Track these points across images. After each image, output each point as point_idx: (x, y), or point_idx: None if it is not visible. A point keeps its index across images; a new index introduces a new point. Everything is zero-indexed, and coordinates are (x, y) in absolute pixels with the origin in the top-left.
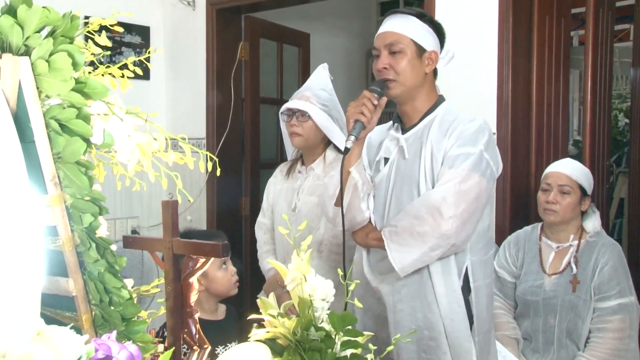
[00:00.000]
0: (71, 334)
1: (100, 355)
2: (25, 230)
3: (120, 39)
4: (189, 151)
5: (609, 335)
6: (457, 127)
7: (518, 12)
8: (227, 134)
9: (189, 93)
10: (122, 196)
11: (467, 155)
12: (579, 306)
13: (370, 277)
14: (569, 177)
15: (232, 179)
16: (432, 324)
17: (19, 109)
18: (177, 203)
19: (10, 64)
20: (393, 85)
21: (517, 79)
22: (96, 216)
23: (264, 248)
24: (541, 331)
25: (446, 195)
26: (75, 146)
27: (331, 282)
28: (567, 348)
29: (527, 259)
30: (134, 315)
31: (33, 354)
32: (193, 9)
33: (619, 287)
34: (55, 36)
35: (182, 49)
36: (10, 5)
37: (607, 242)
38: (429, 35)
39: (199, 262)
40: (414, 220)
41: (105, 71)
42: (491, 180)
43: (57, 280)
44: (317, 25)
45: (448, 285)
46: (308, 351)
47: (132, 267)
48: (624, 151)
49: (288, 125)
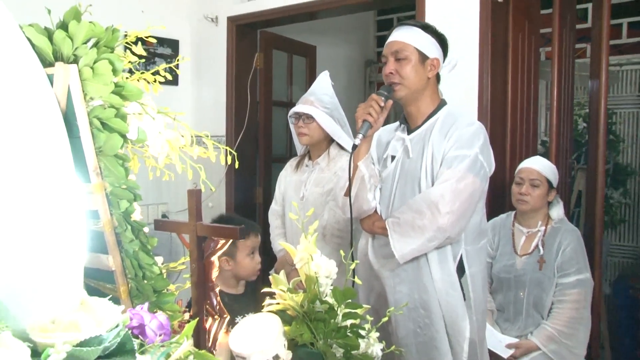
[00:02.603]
0: (110, 304)
1: (134, 323)
2: (70, 213)
3: (154, 50)
4: (212, 146)
5: (568, 306)
6: (455, 130)
7: (496, 31)
8: (243, 132)
9: (211, 96)
10: (153, 185)
11: (463, 157)
12: (544, 282)
13: (373, 261)
14: (539, 172)
15: (248, 172)
16: (428, 304)
17: (68, 110)
18: (201, 192)
19: (61, 71)
20: (398, 88)
21: (495, 87)
22: (131, 202)
23: (275, 232)
24: (512, 303)
25: (444, 193)
26: (113, 141)
27: (334, 261)
28: (533, 317)
29: (502, 242)
30: (164, 288)
31: (78, 321)
32: (216, 24)
33: (578, 266)
34: (99, 46)
35: (206, 59)
36: (64, 21)
37: (568, 228)
38: (431, 44)
39: (219, 243)
40: (415, 214)
41: (140, 77)
42: (484, 180)
43: (99, 256)
44: (322, 38)
45: (444, 271)
46: (313, 321)
47: (162, 246)
48: (583, 150)
49: (296, 126)
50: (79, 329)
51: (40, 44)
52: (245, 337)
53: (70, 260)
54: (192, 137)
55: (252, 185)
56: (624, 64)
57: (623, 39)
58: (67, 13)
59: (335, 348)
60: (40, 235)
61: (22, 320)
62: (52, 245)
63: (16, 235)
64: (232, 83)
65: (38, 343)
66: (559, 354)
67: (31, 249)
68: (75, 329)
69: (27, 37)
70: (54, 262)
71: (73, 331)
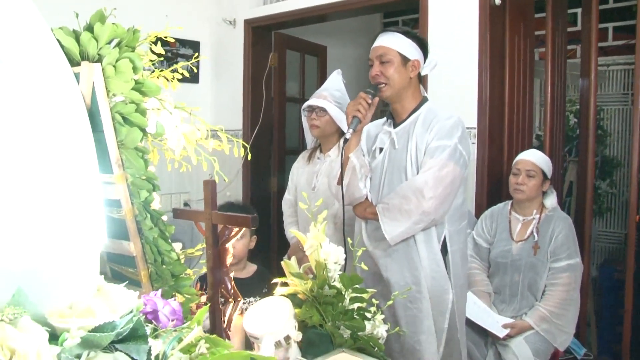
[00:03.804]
0: (125, 290)
1: (148, 309)
2: (88, 203)
3: (177, 51)
4: (226, 140)
5: (559, 289)
6: (436, 123)
7: (493, 33)
8: (259, 126)
9: (229, 93)
10: (176, 175)
11: (444, 147)
12: (538, 266)
13: (367, 243)
14: (534, 163)
15: (263, 163)
16: (418, 280)
17: (93, 105)
18: (216, 183)
19: (86, 70)
20: (384, 89)
21: (494, 85)
22: (150, 192)
23: (288, 220)
24: (508, 286)
25: (428, 180)
26: (134, 135)
27: (342, 248)
28: (527, 299)
29: (499, 229)
30: (181, 273)
31: (93, 307)
32: (234, 27)
33: (569, 251)
34: (121, 46)
35: (224, 59)
36: (90, 23)
37: (561, 216)
38: (412, 47)
39: (233, 230)
40: (402, 200)
41: (160, 74)
42: (463, 167)
43: (122, 243)
44: (332, 39)
45: (430, 249)
46: (322, 304)
47: (183, 233)
48: (574, 144)
49: (309, 119)
50: (93, 314)
51: (68, 44)
52: (258, 319)
53: (87, 248)
54: (208, 131)
55: (267, 175)
56: (610, 65)
57: (609, 42)
58: (93, 16)
59: (343, 329)
60: (60, 224)
61: (41, 306)
62: (71, 234)
63: (37, 223)
64: (248, 81)
65: (56, 327)
66: (551, 333)
67: (51, 237)
68: (90, 314)
69: (57, 39)
70: (72, 251)
71: (88, 317)
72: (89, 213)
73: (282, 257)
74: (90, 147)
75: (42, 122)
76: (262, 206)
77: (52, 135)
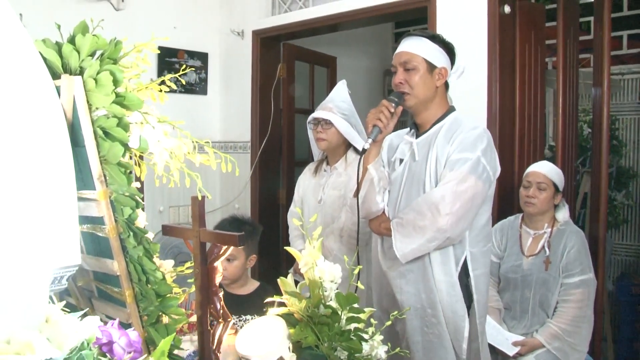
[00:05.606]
0: (76, 321)
1: (104, 340)
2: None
3: (185, 62)
4: (212, 154)
5: (572, 305)
6: (460, 134)
7: (503, 42)
8: (268, 138)
9: (238, 104)
10: (184, 189)
11: (465, 160)
12: (550, 282)
13: (382, 262)
14: (546, 175)
15: (272, 174)
16: (434, 304)
17: (74, 119)
18: (204, 200)
19: (67, 83)
20: (408, 98)
21: (504, 95)
22: (134, 209)
23: (294, 233)
24: (519, 302)
25: (445, 194)
26: (115, 149)
27: (339, 266)
28: (538, 316)
29: (509, 243)
30: (167, 293)
31: (33, 342)
32: (242, 38)
33: (581, 267)
34: (102, 58)
35: (233, 70)
36: (73, 35)
37: (573, 230)
38: (439, 54)
39: (222, 248)
40: (417, 215)
41: (144, 87)
42: (487, 182)
43: (106, 261)
44: (342, 50)
45: (446, 272)
46: (318, 324)
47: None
48: (588, 155)
49: (315, 132)
50: (32, 350)
51: (50, 57)
52: (250, 339)
53: (35, 274)
54: (194, 145)
55: (276, 187)
56: (625, 73)
57: (624, 50)
58: (77, 27)
59: (339, 351)
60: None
61: None
62: (17, 258)
63: None
64: (257, 92)
65: None
66: (563, 351)
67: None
68: (29, 350)
69: (39, 51)
70: (17, 277)
71: (27, 353)
72: (44, 234)
73: (289, 268)
74: (69, 165)
75: (17, 137)
76: (270, 218)
77: (25, 151)
